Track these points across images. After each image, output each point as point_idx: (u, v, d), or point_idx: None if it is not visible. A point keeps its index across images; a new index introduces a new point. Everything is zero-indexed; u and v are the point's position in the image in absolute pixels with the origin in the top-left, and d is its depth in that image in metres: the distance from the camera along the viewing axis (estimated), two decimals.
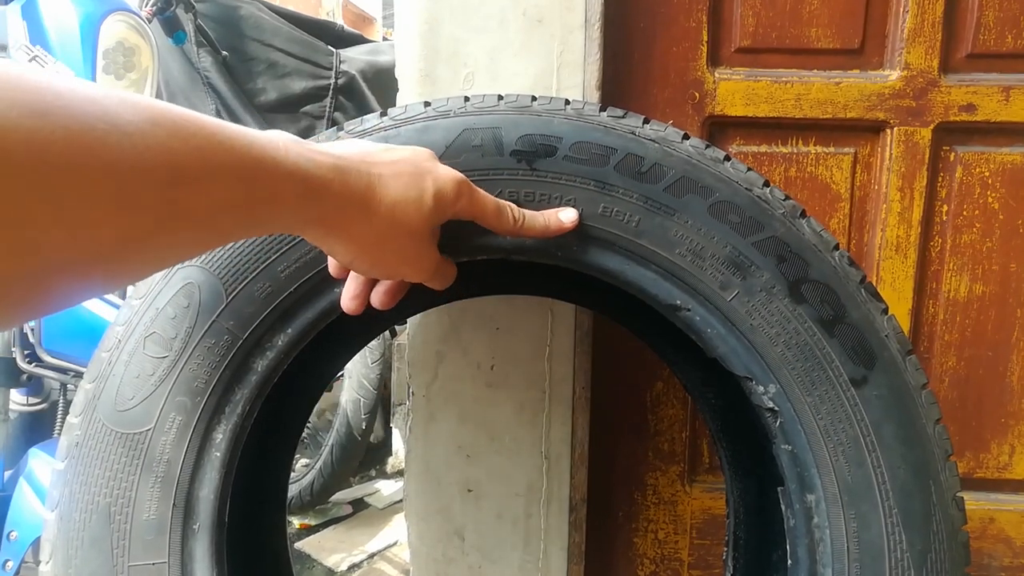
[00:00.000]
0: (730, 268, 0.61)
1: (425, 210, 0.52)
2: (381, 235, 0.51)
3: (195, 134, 0.37)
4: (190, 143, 0.36)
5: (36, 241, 0.30)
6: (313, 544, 2.04)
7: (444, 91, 0.95)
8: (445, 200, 0.53)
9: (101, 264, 0.34)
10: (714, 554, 1.16)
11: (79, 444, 0.61)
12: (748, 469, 0.90)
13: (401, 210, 0.51)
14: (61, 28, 1.22)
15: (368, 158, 0.51)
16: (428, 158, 0.55)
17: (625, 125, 0.63)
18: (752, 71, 1.02)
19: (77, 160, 0.31)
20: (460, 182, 0.55)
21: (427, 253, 0.56)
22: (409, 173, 0.52)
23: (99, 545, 0.60)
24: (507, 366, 1.03)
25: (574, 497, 1.06)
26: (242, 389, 0.63)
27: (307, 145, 0.47)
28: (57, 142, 0.30)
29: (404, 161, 0.53)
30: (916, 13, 0.99)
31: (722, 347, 0.63)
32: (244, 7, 2.09)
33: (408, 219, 0.52)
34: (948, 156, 1.03)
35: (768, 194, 0.62)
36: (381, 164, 0.51)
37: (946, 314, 1.07)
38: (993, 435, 1.10)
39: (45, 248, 0.31)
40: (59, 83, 0.31)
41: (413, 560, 1.10)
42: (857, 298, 0.62)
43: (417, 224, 0.52)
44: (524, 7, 0.93)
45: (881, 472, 0.61)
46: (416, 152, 0.55)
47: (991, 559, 1.13)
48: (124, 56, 1.30)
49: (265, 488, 0.89)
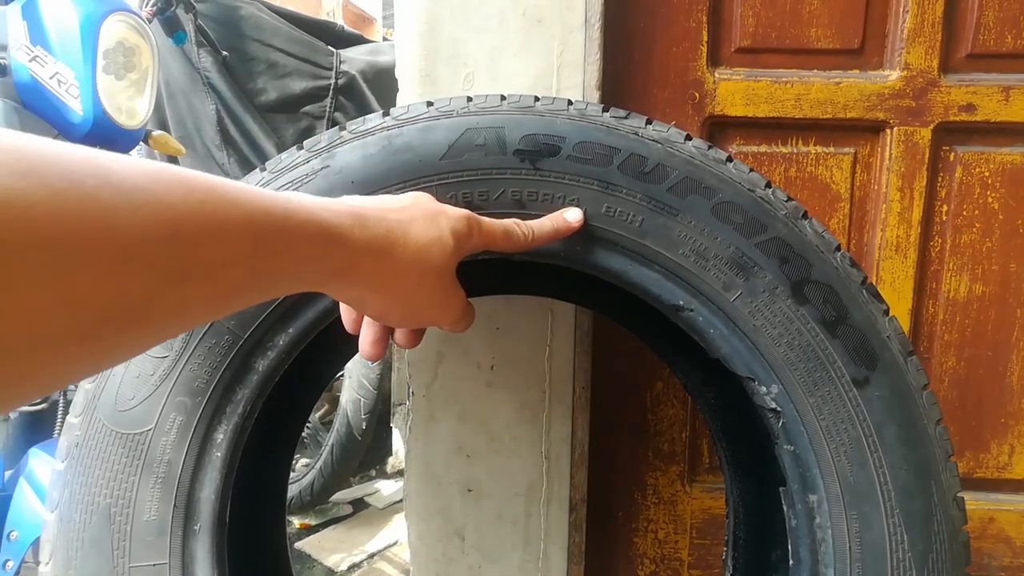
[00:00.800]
0: (733, 269, 0.61)
1: (448, 249, 0.52)
2: (411, 281, 0.51)
3: (195, 188, 0.35)
4: (191, 197, 0.35)
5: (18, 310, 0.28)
6: (313, 544, 2.04)
7: (444, 91, 0.95)
8: (461, 236, 0.53)
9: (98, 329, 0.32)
10: (714, 554, 1.16)
11: (79, 444, 0.61)
12: (748, 469, 0.90)
13: (427, 252, 0.50)
14: (61, 28, 1.22)
15: (382, 205, 0.50)
16: (431, 199, 0.55)
17: (628, 126, 0.63)
18: (752, 71, 1.02)
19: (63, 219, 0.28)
20: (468, 217, 0.55)
21: (456, 294, 0.56)
22: (423, 216, 0.51)
23: (99, 546, 0.60)
24: (507, 366, 1.03)
25: (574, 497, 1.06)
26: (243, 389, 0.63)
27: (321, 198, 0.46)
28: (40, 202, 0.28)
29: (414, 206, 0.52)
30: (916, 13, 0.99)
31: (725, 348, 0.63)
32: (244, 7, 2.09)
33: (434, 260, 0.51)
34: (948, 156, 1.03)
35: (771, 195, 0.62)
36: (395, 210, 0.50)
37: (946, 314, 1.07)
38: (993, 435, 1.10)
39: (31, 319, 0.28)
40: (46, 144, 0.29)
41: (413, 560, 1.10)
42: (859, 299, 0.62)
43: (443, 265, 0.52)
44: (524, 7, 0.93)
45: (883, 472, 0.61)
46: (418, 196, 0.55)
47: (991, 559, 1.13)
48: (124, 56, 1.30)
49: (265, 488, 0.89)
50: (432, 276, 0.52)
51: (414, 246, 0.50)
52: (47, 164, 0.29)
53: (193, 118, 2.13)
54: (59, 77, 1.23)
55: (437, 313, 0.56)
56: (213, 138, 2.11)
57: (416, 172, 0.61)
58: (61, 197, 0.29)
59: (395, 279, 0.50)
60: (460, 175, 0.61)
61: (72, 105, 1.24)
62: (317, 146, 0.62)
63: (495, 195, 0.61)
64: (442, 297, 0.54)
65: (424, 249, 0.50)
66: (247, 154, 2.11)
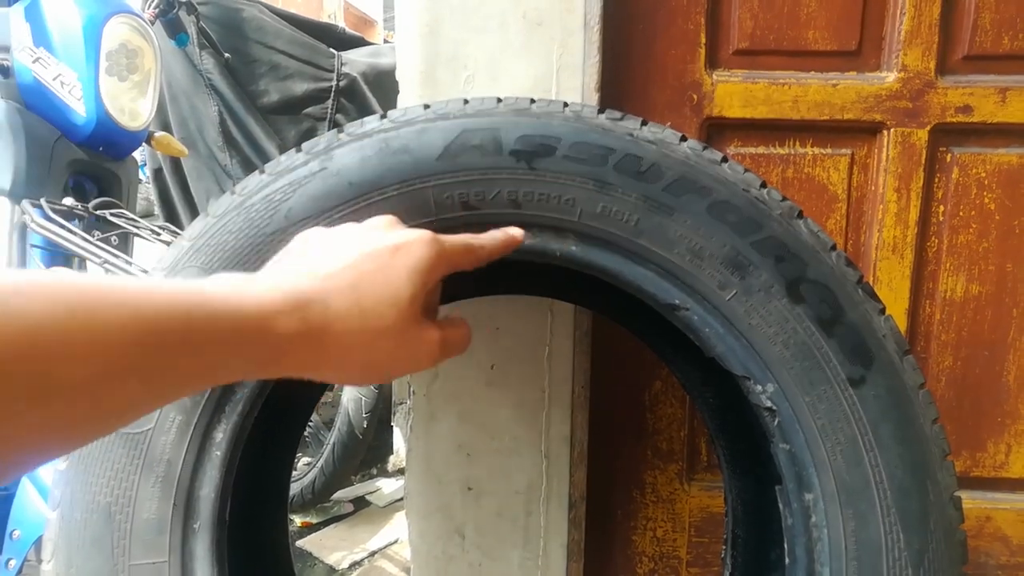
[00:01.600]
0: (728, 268, 0.62)
1: (402, 302, 0.47)
2: (362, 351, 0.47)
3: (63, 299, 0.32)
4: (56, 309, 0.32)
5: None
6: (314, 542, 2.04)
7: (445, 93, 0.96)
8: (421, 272, 0.49)
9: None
10: (712, 552, 1.16)
11: None
12: (746, 468, 0.91)
13: (375, 316, 0.46)
14: (64, 30, 1.23)
15: (323, 274, 0.46)
16: (388, 229, 0.51)
17: (623, 127, 0.63)
18: (750, 73, 1.03)
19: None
20: (430, 243, 0.50)
21: (423, 340, 0.51)
22: (372, 269, 0.47)
23: (100, 544, 0.61)
24: (507, 366, 1.03)
25: (573, 495, 1.07)
26: (242, 388, 0.63)
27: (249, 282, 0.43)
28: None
29: (365, 257, 0.47)
30: (913, 15, 0.99)
31: (720, 346, 0.64)
32: (246, 9, 2.10)
33: (385, 322, 0.47)
34: (944, 157, 1.04)
35: (766, 195, 0.63)
36: (337, 274, 0.46)
37: (943, 314, 1.08)
38: (990, 434, 1.11)
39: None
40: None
41: (414, 558, 1.11)
42: (855, 298, 0.62)
43: (398, 322, 0.47)
44: (524, 9, 0.94)
45: (879, 471, 0.61)
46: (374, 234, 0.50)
47: (988, 557, 1.13)
48: (127, 58, 1.30)
49: (267, 487, 0.89)
50: (385, 338, 0.47)
51: (359, 315, 0.46)
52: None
53: (195, 119, 2.14)
54: (62, 79, 1.23)
55: (407, 364, 0.51)
56: (215, 139, 2.12)
57: (412, 173, 0.61)
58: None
59: (340, 356, 0.46)
60: (456, 176, 0.61)
61: (75, 107, 1.24)
62: (315, 148, 0.63)
63: (491, 195, 0.62)
64: (404, 353, 0.50)
65: (371, 314, 0.46)
66: (249, 155, 2.11)
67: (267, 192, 0.62)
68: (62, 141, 1.25)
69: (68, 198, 1.22)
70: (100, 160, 1.33)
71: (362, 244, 0.49)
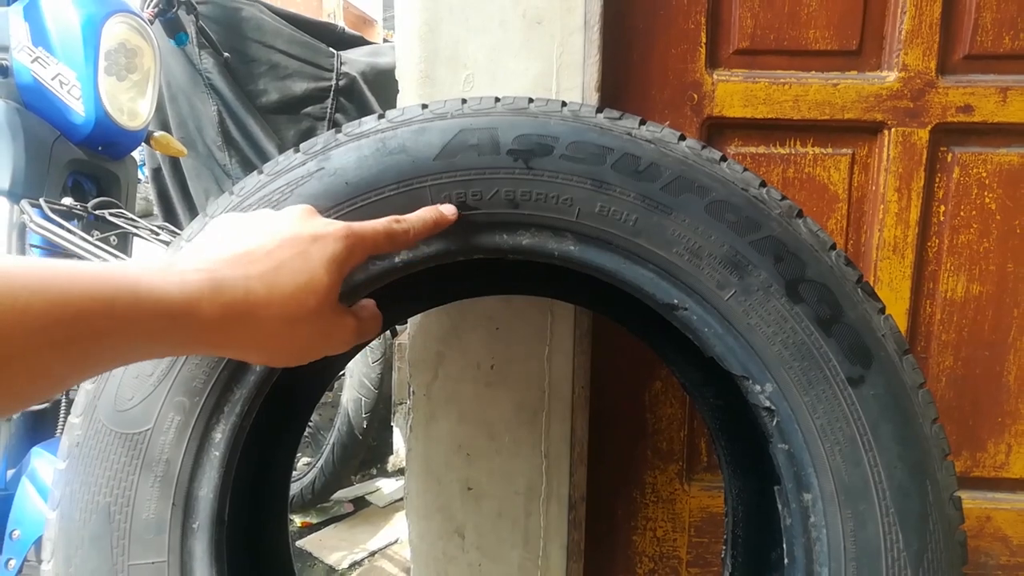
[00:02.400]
0: (727, 267, 0.62)
1: (321, 289, 0.50)
2: (282, 334, 0.49)
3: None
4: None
5: None
6: (314, 542, 2.05)
7: (444, 92, 0.96)
8: (338, 262, 0.51)
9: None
10: (712, 552, 1.16)
11: (80, 444, 0.61)
12: (747, 468, 0.91)
13: (295, 302, 0.49)
14: (63, 30, 1.23)
15: (244, 258, 0.48)
16: (306, 219, 0.53)
17: (621, 126, 0.63)
18: (750, 73, 1.03)
19: None
20: (346, 234, 0.52)
21: (340, 326, 0.54)
22: (291, 256, 0.49)
23: (99, 544, 0.61)
24: (507, 366, 1.03)
25: (573, 495, 1.07)
26: (240, 389, 0.63)
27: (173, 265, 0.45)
28: None
29: (284, 244, 0.50)
30: (914, 15, 0.99)
31: (719, 346, 0.63)
32: (245, 9, 2.10)
33: (304, 308, 0.49)
34: (945, 157, 1.03)
35: (764, 194, 0.62)
36: (258, 260, 0.48)
37: (943, 314, 1.07)
38: (990, 434, 1.10)
39: None
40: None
41: (414, 558, 1.11)
42: (854, 298, 0.62)
43: (316, 307, 0.50)
44: (524, 8, 0.94)
45: (878, 471, 0.60)
46: (292, 222, 0.52)
47: (988, 557, 1.13)
48: (126, 58, 1.30)
49: (267, 487, 0.89)
50: (304, 324, 0.50)
51: (279, 300, 0.48)
52: None
53: (195, 119, 2.14)
54: (61, 78, 1.23)
55: (323, 348, 0.54)
56: (215, 139, 2.12)
57: (409, 173, 0.61)
58: None
59: (261, 338, 0.48)
60: (454, 175, 0.61)
61: (74, 106, 1.24)
62: (313, 149, 0.63)
63: (488, 195, 0.62)
64: (321, 337, 0.52)
65: (291, 299, 0.48)
66: (248, 155, 2.11)
67: (265, 192, 0.62)
68: (61, 141, 1.25)
69: (67, 198, 1.22)
70: (99, 160, 1.33)
71: (281, 231, 0.51)
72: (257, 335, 0.48)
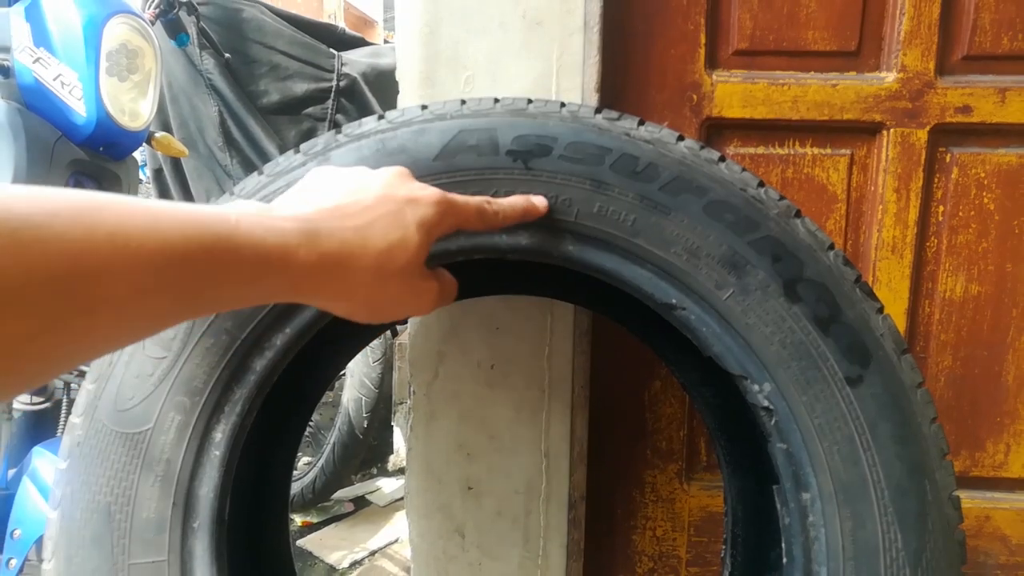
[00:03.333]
0: (725, 267, 0.62)
1: (412, 248, 0.51)
2: (371, 288, 0.50)
3: (104, 221, 0.35)
4: (97, 231, 0.35)
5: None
6: (315, 541, 2.05)
7: (444, 93, 0.96)
8: (430, 226, 0.52)
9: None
10: (712, 551, 1.16)
11: (80, 443, 0.62)
12: (746, 467, 0.91)
13: (387, 257, 0.49)
14: (64, 30, 1.23)
15: (340, 211, 0.49)
16: (401, 181, 0.53)
17: (619, 127, 0.63)
18: (749, 73, 1.03)
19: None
20: (439, 200, 0.53)
21: (425, 288, 0.55)
22: (387, 213, 0.50)
23: (100, 543, 0.61)
24: (507, 366, 1.04)
25: (573, 495, 1.07)
26: (241, 389, 0.63)
27: (270, 212, 0.46)
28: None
29: (379, 201, 0.50)
30: (913, 15, 0.99)
31: (717, 346, 0.64)
32: (246, 10, 2.10)
33: (396, 264, 0.50)
34: (944, 157, 1.04)
35: (763, 194, 0.63)
36: (355, 214, 0.49)
37: (942, 314, 1.08)
38: (989, 434, 1.11)
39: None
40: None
41: (414, 557, 1.11)
42: (852, 297, 0.62)
43: (406, 265, 0.51)
44: (523, 10, 0.94)
45: (876, 471, 0.61)
46: (388, 181, 0.53)
47: (987, 557, 1.13)
48: (127, 58, 1.31)
49: (268, 486, 0.89)
50: (394, 280, 0.51)
51: (373, 253, 0.49)
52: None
53: (196, 120, 2.14)
54: (62, 79, 1.24)
55: (406, 309, 0.55)
56: (216, 140, 2.12)
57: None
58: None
59: (352, 289, 0.49)
60: (453, 175, 0.61)
61: (75, 107, 1.25)
62: (313, 149, 0.63)
63: (488, 195, 0.62)
64: (408, 295, 0.53)
65: (384, 255, 0.49)
66: (249, 155, 2.12)
67: (265, 193, 0.62)
68: (62, 141, 1.25)
69: None
70: (100, 160, 1.33)
71: (377, 189, 0.51)
72: (348, 285, 0.49)
